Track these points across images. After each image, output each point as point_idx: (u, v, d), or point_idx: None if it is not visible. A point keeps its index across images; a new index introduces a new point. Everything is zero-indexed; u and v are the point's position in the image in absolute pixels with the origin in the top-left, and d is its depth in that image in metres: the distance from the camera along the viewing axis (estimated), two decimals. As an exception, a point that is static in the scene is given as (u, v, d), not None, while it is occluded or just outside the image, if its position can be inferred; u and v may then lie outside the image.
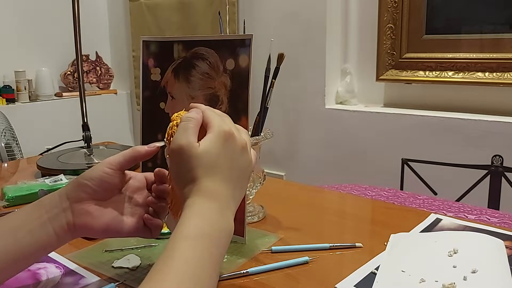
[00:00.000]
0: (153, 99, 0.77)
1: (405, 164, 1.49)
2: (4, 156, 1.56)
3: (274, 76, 0.77)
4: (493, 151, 1.53)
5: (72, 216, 0.54)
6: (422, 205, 1.14)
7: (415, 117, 1.95)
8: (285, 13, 2.28)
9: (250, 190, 0.79)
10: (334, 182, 1.66)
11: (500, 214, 1.06)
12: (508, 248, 0.65)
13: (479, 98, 1.91)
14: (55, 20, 2.75)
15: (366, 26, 2.17)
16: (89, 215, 0.54)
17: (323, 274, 0.62)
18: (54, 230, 0.53)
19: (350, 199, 1.03)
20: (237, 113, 0.69)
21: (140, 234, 0.58)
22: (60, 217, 0.53)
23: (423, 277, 0.58)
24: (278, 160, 2.40)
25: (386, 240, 0.70)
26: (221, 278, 0.60)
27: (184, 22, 2.67)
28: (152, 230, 0.58)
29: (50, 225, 0.53)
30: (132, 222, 0.57)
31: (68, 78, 2.86)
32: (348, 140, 2.16)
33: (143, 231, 0.58)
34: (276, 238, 0.72)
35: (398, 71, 2.06)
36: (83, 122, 1.19)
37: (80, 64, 1.15)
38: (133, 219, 0.57)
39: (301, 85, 2.28)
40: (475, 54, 1.87)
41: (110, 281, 0.60)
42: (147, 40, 0.77)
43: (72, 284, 0.60)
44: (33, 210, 0.54)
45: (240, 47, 0.68)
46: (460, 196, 1.39)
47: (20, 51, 2.70)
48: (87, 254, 0.67)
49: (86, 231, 0.55)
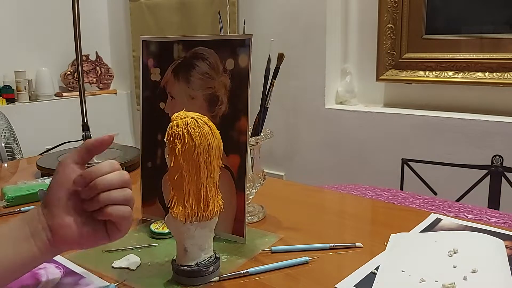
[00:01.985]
0: (153, 99, 0.77)
1: (405, 164, 1.49)
2: (4, 156, 1.56)
3: (274, 76, 0.77)
4: (493, 151, 1.53)
5: (50, 233, 0.52)
6: (422, 205, 1.14)
7: (415, 117, 1.95)
8: (285, 13, 2.28)
9: (250, 190, 0.79)
10: (334, 182, 1.66)
11: (500, 214, 1.06)
12: (508, 248, 0.65)
13: (479, 98, 1.91)
14: (55, 20, 2.75)
15: (366, 26, 2.17)
16: (64, 228, 0.52)
17: (323, 274, 0.62)
18: (37, 245, 0.52)
19: (350, 199, 1.03)
20: (237, 113, 0.69)
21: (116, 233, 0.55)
22: (41, 235, 0.52)
23: (423, 277, 0.58)
24: (278, 160, 2.40)
25: (386, 240, 0.70)
26: (221, 278, 0.60)
27: (184, 22, 2.67)
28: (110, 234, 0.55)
29: (32, 240, 0.52)
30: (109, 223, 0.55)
31: (68, 78, 2.86)
32: (348, 140, 2.16)
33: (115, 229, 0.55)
34: (276, 238, 0.72)
35: (398, 71, 2.06)
36: (83, 122, 1.19)
37: (80, 64, 1.15)
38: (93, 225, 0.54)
39: (301, 85, 2.27)
40: (475, 54, 1.87)
41: (110, 282, 0.60)
42: (147, 40, 0.77)
43: (72, 284, 0.60)
44: (18, 225, 0.53)
45: (240, 47, 0.68)
46: (460, 196, 1.39)
47: (20, 51, 2.70)
48: (87, 255, 0.67)
49: (67, 244, 0.54)
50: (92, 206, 0.52)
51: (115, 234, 0.55)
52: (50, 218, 0.52)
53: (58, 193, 0.53)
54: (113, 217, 0.53)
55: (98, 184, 0.52)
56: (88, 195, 0.52)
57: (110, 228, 0.54)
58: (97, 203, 0.52)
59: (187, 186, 0.55)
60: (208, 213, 0.57)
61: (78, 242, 0.53)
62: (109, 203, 0.52)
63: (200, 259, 0.59)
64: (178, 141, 0.54)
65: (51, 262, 0.65)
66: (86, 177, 0.52)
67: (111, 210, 0.52)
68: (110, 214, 0.52)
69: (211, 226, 0.59)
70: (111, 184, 0.52)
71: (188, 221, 0.56)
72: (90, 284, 0.60)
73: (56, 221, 0.52)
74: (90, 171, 0.52)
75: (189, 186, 0.55)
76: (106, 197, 0.52)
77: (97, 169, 0.53)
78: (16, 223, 0.53)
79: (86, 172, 0.52)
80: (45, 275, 0.62)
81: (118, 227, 0.54)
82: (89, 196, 0.52)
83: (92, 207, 0.53)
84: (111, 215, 0.52)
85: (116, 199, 0.53)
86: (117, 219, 0.53)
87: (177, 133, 0.54)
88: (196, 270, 0.59)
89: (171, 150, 0.55)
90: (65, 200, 0.52)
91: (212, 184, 0.57)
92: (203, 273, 0.59)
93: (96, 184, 0.52)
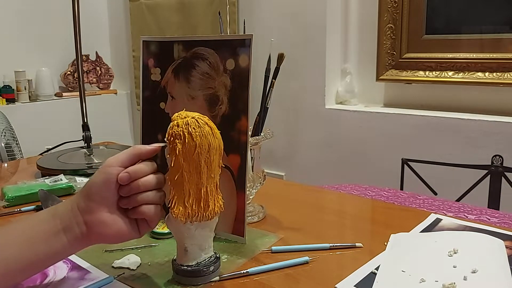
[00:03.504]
0: (153, 99, 0.77)
1: (405, 164, 1.49)
2: (4, 156, 1.56)
3: (274, 76, 0.77)
4: (493, 151, 1.53)
5: (86, 228, 0.54)
6: (422, 205, 1.14)
7: (415, 117, 1.95)
8: (285, 13, 2.28)
9: (250, 190, 0.79)
10: (334, 182, 1.66)
11: (500, 214, 1.06)
12: (508, 248, 0.65)
13: (479, 98, 1.91)
14: (55, 20, 2.75)
15: (366, 26, 2.17)
16: (102, 224, 0.55)
17: (323, 274, 0.62)
18: (69, 240, 0.54)
19: (350, 199, 1.03)
20: (237, 113, 0.69)
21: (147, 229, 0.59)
22: (74, 229, 0.54)
23: (423, 277, 0.58)
24: (278, 160, 2.40)
25: (386, 240, 0.70)
26: (221, 278, 0.60)
27: (184, 22, 2.67)
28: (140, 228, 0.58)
29: (64, 235, 0.54)
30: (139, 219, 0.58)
31: (68, 78, 2.86)
32: (348, 140, 2.16)
33: (145, 226, 0.58)
34: (276, 238, 0.72)
35: (398, 71, 2.06)
36: (83, 122, 1.19)
37: (80, 64, 1.15)
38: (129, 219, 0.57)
39: (301, 85, 2.28)
40: (475, 54, 1.87)
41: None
42: (147, 40, 0.77)
43: (78, 278, 0.62)
44: (48, 219, 0.55)
45: (240, 47, 0.68)
46: (460, 196, 1.39)
47: (20, 51, 2.70)
48: (87, 254, 0.67)
49: (101, 239, 0.56)
50: (129, 203, 0.55)
51: (145, 230, 0.58)
52: (88, 214, 0.54)
53: (104, 191, 0.55)
54: (146, 215, 0.56)
55: (141, 184, 0.55)
56: (129, 192, 0.55)
57: (140, 224, 0.57)
58: (134, 202, 0.55)
59: (188, 186, 0.55)
60: (209, 213, 0.57)
61: (112, 237, 0.56)
62: (144, 203, 0.56)
63: (200, 259, 0.59)
64: (179, 141, 0.54)
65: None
66: (132, 176, 0.55)
67: (146, 209, 0.56)
68: (144, 213, 0.56)
69: (211, 226, 0.59)
70: (150, 185, 0.56)
71: (188, 221, 0.56)
72: (95, 279, 0.61)
73: (95, 217, 0.54)
74: (136, 171, 0.55)
75: (190, 186, 0.55)
76: (145, 197, 0.56)
77: (140, 169, 0.56)
78: (45, 216, 0.55)
79: (132, 171, 0.55)
80: (52, 269, 0.63)
81: (149, 224, 0.58)
82: (129, 193, 0.55)
83: (129, 205, 0.56)
84: (145, 213, 0.56)
85: (152, 200, 0.56)
86: (149, 218, 0.57)
87: (178, 133, 0.54)
88: (196, 270, 0.59)
89: (171, 150, 0.55)
90: (110, 199, 0.55)
91: (212, 184, 0.57)
92: (203, 273, 0.59)
93: (138, 185, 0.55)
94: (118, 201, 0.56)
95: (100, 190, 0.55)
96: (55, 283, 0.60)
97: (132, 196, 0.55)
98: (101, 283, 0.60)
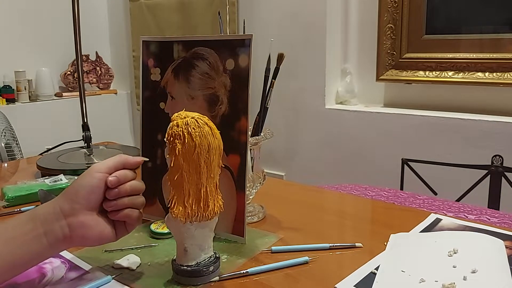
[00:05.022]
0: (153, 99, 0.77)
1: (405, 164, 1.49)
2: (4, 156, 1.56)
3: (274, 76, 0.77)
4: (493, 151, 1.53)
5: (68, 230, 0.55)
6: (422, 205, 1.14)
7: (415, 117, 1.95)
8: (285, 13, 2.28)
9: (250, 190, 0.79)
10: (334, 182, 1.66)
11: (500, 214, 1.06)
12: (508, 248, 0.65)
13: (479, 98, 1.91)
14: (55, 20, 2.75)
15: (366, 26, 2.17)
16: (85, 227, 0.55)
17: (323, 274, 0.62)
18: (49, 242, 0.55)
19: (350, 199, 1.03)
20: (237, 113, 0.69)
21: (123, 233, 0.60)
22: (56, 231, 0.55)
23: (423, 277, 0.58)
24: (278, 160, 2.40)
25: (386, 240, 0.70)
26: (221, 278, 0.60)
27: (184, 22, 2.67)
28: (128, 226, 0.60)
29: (45, 238, 0.54)
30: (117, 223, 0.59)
31: (68, 78, 2.86)
32: (348, 140, 2.16)
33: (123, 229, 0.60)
34: (276, 238, 0.72)
35: (398, 71, 2.06)
36: (83, 122, 1.19)
37: (80, 64, 1.15)
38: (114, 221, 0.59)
39: (301, 85, 2.28)
40: (475, 54, 1.87)
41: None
42: (147, 40, 0.77)
43: (76, 279, 0.61)
44: (28, 221, 0.55)
45: (240, 47, 0.68)
46: (460, 196, 1.39)
47: (20, 51, 2.70)
48: (87, 254, 0.67)
49: (83, 241, 0.57)
50: (117, 206, 0.57)
51: (122, 234, 0.59)
52: (71, 216, 0.55)
53: (91, 195, 0.56)
54: (129, 218, 0.58)
55: (129, 188, 0.57)
56: (117, 195, 0.57)
57: (118, 228, 0.59)
58: (121, 204, 0.57)
59: (187, 186, 0.55)
60: (208, 213, 0.57)
61: (94, 239, 0.57)
62: (130, 206, 0.58)
63: (200, 259, 0.59)
64: (178, 141, 0.54)
65: (57, 257, 0.67)
66: (120, 180, 0.57)
67: (130, 212, 0.58)
68: (129, 216, 0.58)
69: (211, 226, 0.59)
70: (137, 190, 0.59)
71: (188, 221, 0.56)
72: (93, 279, 0.61)
73: (79, 220, 0.55)
74: (123, 175, 0.57)
75: (189, 186, 0.55)
76: (131, 200, 0.58)
77: (126, 174, 0.58)
78: (24, 219, 0.55)
79: (120, 176, 0.57)
80: (51, 270, 0.64)
81: (127, 228, 0.59)
82: (117, 196, 0.57)
83: (116, 207, 0.57)
84: (129, 216, 0.58)
85: (136, 204, 0.59)
86: (131, 221, 0.59)
87: (177, 133, 0.54)
88: (196, 270, 0.59)
89: (171, 150, 0.55)
90: (95, 202, 0.56)
91: (212, 184, 0.57)
92: (203, 273, 0.59)
93: (126, 188, 0.57)
94: (101, 204, 0.57)
95: (87, 194, 0.56)
96: (53, 283, 0.60)
97: (119, 199, 0.57)
98: (99, 283, 0.60)
